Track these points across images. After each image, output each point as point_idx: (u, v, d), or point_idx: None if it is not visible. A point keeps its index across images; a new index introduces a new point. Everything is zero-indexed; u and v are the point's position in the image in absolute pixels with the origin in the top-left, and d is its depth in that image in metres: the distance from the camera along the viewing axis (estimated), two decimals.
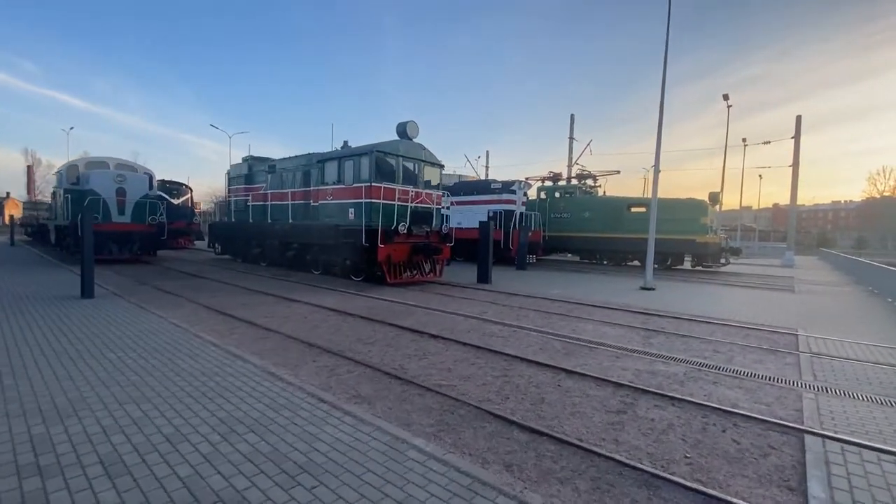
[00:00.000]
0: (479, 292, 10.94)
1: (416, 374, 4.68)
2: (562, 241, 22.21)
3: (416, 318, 7.58)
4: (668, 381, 4.70)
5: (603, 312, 8.63)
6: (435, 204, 12.38)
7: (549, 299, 10.00)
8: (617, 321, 7.78)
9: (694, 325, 7.73)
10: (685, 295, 11.47)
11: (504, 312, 8.34)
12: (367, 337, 6.20)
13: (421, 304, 8.82)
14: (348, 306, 8.43)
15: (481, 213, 20.35)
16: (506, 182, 20.24)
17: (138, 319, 6.73)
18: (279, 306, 8.35)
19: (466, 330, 6.76)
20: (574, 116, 29.49)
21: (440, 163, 13.01)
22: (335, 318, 7.44)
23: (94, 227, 14.85)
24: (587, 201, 21.89)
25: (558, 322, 7.59)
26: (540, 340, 6.28)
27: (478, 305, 9.03)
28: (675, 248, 19.01)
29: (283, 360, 5.03)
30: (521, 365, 5.11)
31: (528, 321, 7.59)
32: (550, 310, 8.71)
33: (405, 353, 5.44)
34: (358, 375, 4.59)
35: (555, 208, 22.65)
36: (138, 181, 16.24)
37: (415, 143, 12.32)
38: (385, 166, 11.37)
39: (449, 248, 12.82)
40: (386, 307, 8.52)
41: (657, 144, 12.14)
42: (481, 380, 4.58)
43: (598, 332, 6.96)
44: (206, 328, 6.46)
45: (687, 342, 6.48)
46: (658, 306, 9.37)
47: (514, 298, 10.08)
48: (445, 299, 9.74)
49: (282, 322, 6.98)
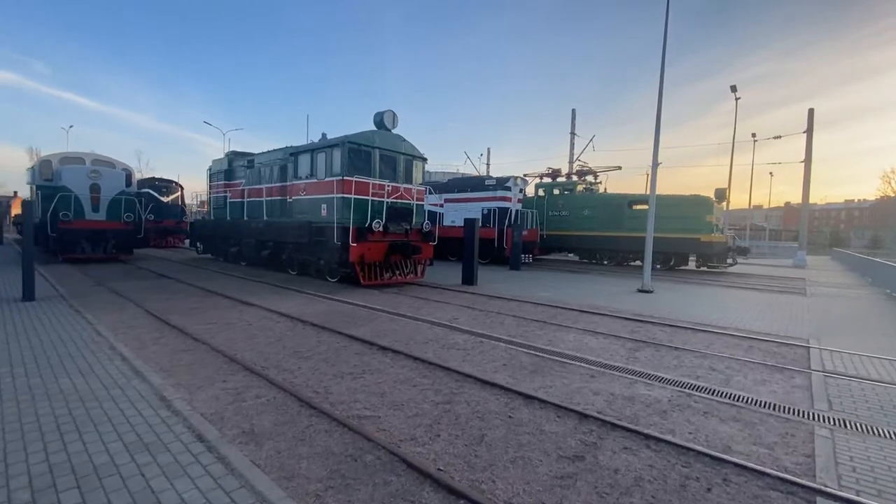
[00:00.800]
0: (460, 295, 10.09)
1: (337, 401, 3.86)
2: (560, 240, 21.27)
3: (375, 325, 6.76)
4: (648, 412, 3.83)
5: (589, 319, 7.75)
6: (415, 200, 11.54)
7: (533, 303, 9.13)
8: (603, 330, 6.89)
9: (690, 334, 6.82)
10: (685, 298, 10.52)
11: (478, 319, 7.49)
12: (307, 349, 5.40)
13: (388, 309, 8.00)
14: (305, 311, 7.64)
15: (475, 211, 19.50)
16: (500, 178, 19.35)
17: (61, 326, 6.00)
18: (230, 311, 7.58)
19: (425, 340, 5.93)
20: (575, 111, 28.50)
21: (422, 156, 12.17)
22: (283, 325, 6.65)
23: (67, 224, 14.40)
24: (586, 198, 20.92)
25: (536, 331, 6.73)
26: (507, 354, 5.43)
27: (452, 310, 8.19)
28: (679, 248, 18.00)
29: (189, 380, 4.24)
30: (473, 387, 4.26)
31: (502, 329, 6.73)
32: (531, 315, 7.84)
33: (339, 371, 4.63)
34: (266, 402, 3.78)
35: (553, 206, 21.70)
36: (114, 177, 15.60)
37: (393, 135, 11.50)
38: (359, 159, 10.56)
39: (431, 247, 11.98)
40: (347, 312, 7.71)
41: (656, 135, 11.20)
42: (415, 408, 3.75)
43: (578, 343, 6.09)
44: (131, 337, 5.70)
45: (679, 356, 5.58)
46: (653, 312, 8.46)
47: (495, 302, 9.22)
48: (419, 303, 8.91)
49: (219, 330, 6.20)
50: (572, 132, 28.22)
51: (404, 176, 11.58)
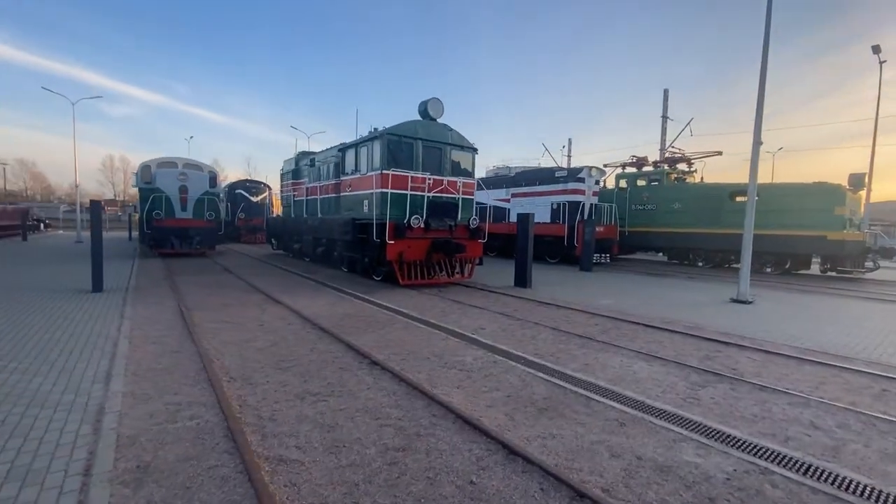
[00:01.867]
0: (503, 299, 8.99)
1: (273, 432, 3.17)
2: (645, 238, 18.78)
3: (386, 332, 6.04)
4: (685, 499, 2.54)
5: (651, 337, 6.21)
6: (461, 193, 10.62)
7: (587, 313, 7.73)
8: (664, 353, 5.39)
9: (791, 366, 5.03)
10: (796, 313, 8.22)
11: (508, 330, 6.40)
12: (294, 359, 4.84)
13: (413, 313, 7.25)
14: (325, 313, 7.20)
15: (544, 206, 18.05)
16: (572, 169, 17.57)
17: (93, 319, 6.26)
18: (255, 309, 7.42)
19: (429, 356, 5.05)
20: (667, 92, 25.03)
21: (472, 146, 11.20)
22: (292, 327, 6.23)
23: (159, 222, 15.99)
24: (677, 190, 18.14)
25: (573, 350, 5.47)
26: (519, 381, 4.33)
27: (483, 318, 7.18)
28: (797, 248, 14.70)
29: (145, 389, 3.87)
30: (449, 428, 3.30)
31: (531, 346, 5.59)
32: (578, 329, 6.53)
33: (306, 391, 3.96)
34: (193, 427, 3.22)
35: (636, 199, 19.23)
36: (200, 179, 17.03)
37: (438, 124, 10.71)
38: (400, 151, 9.95)
39: (480, 245, 10.99)
40: (368, 315, 7.11)
41: (758, 106, 8.93)
42: (357, 454, 2.91)
43: (622, 371, 4.75)
44: (140, 333, 5.66)
45: (766, 401, 4.00)
46: (744, 330, 6.60)
47: (541, 310, 7.98)
48: (451, 307, 8.02)
49: (225, 330, 5.95)
50: (664, 115, 24.89)
51: (451, 168, 10.74)
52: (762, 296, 10.18)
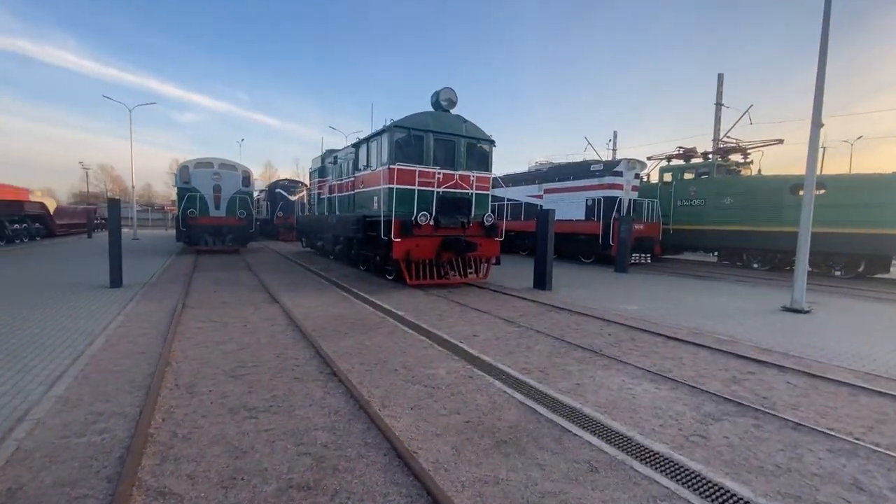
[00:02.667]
0: (515, 303, 8.29)
1: (178, 454, 2.78)
2: (692, 237, 17.16)
3: (367, 338, 5.58)
4: None
5: (671, 351, 5.32)
6: (475, 188, 9.97)
7: (604, 320, 6.88)
8: (678, 374, 4.54)
9: (843, 396, 4.02)
10: (863, 327, 6.88)
11: (503, 339, 5.74)
12: (253, 365, 4.50)
13: (407, 316, 6.76)
14: (318, 313, 6.88)
15: (578, 202, 16.97)
16: (609, 162, 16.35)
17: (92, 315, 6.31)
18: (248, 308, 7.24)
19: (397, 367, 4.52)
20: (722, 76, 22.74)
21: (488, 138, 10.51)
22: (276, 329, 5.93)
23: (193, 220, 16.59)
24: (729, 183, 16.35)
25: (569, 365, 4.74)
26: (489, 403, 3.71)
27: (482, 324, 6.55)
28: (871, 249, 12.71)
29: (84, 395, 3.65)
30: (375, 462, 2.76)
31: (521, 359, 4.92)
32: (585, 339, 5.75)
33: (241, 404, 3.56)
34: (95, 443, 2.91)
35: (682, 194, 17.61)
36: (233, 178, 17.52)
37: (452, 116, 10.13)
38: (409, 145, 9.48)
39: (496, 243, 10.29)
40: (359, 318, 6.70)
41: (818, 82, 7.59)
42: (249, 491, 2.44)
43: (620, 394, 3.98)
44: (124, 331, 5.58)
45: (797, 444, 3.12)
46: (790, 346, 5.52)
47: (551, 316, 7.22)
48: (454, 310, 7.45)
49: (205, 332, 5.75)
50: (718, 102, 22.67)
51: (465, 162, 10.13)
52: (824, 304, 8.75)
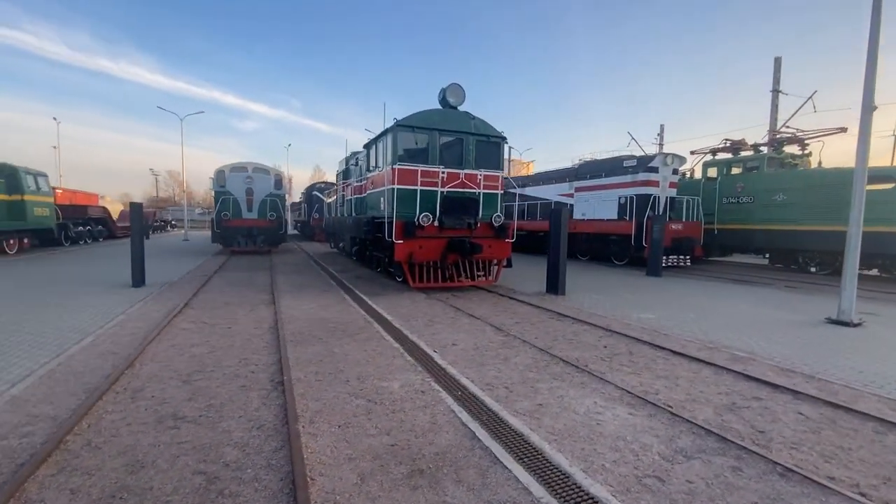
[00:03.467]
0: (516, 308, 7.80)
1: (76, 465, 2.68)
2: (740, 237, 15.65)
3: (339, 344, 5.38)
4: None
5: (669, 368, 4.69)
6: (482, 188, 9.54)
7: (607, 330, 6.27)
8: (665, 396, 3.95)
9: (865, 434, 3.28)
10: None
11: (482, 349, 5.33)
12: (213, 370, 4.42)
13: (396, 322, 6.50)
14: (306, 316, 6.80)
15: (610, 201, 16.00)
16: (643, 158, 15.23)
17: (99, 313, 6.61)
18: (247, 309, 7.31)
19: (353, 378, 4.26)
20: (780, 60, 20.52)
21: (499, 134, 10.05)
22: (257, 332, 5.88)
23: (227, 222, 17.32)
24: (781, 178, 14.72)
25: (542, 382, 4.27)
26: (428, 423, 3.36)
27: (469, 331, 6.16)
28: None
29: (30, 395, 3.72)
30: (262, 491, 2.52)
31: (492, 371, 4.51)
32: (573, 352, 5.23)
33: (174, 413, 3.45)
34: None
35: (729, 190, 16.12)
36: (265, 181, 18.14)
37: (459, 113, 9.77)
38: (414, 144, 9.25)
39: (507, 245, 9.80)
40: (346, 321, 6.53)
41: (869, 56, 6.51)
42: None
43: (585, 419, 3.49)
44: (117, 331, 5.76)
45: (776, 497, 2.52)
46: (823, 367, 4.71)
47: (549, 323, 6.69)
48: (446, 315, 7.10)
49: (194, 332, 5.80)
50: (775, 88, 20.53)
51: (475, 160, 9.75)
52: (885, 316, 7.54)
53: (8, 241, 16.05)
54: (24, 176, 16.40)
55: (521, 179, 22.27)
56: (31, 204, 16.61)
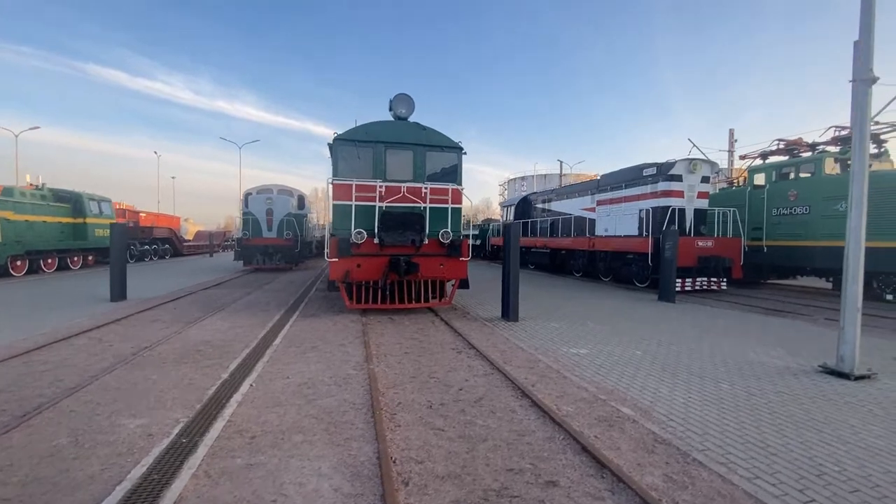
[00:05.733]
0: (438, 334, 6.88)
1: None
2: (793, 256, 12.91)
3: (168, 371, 5.00)
4: None
5: (494, 426, 3.60)
6: (429, 202, 8.77)
7: (493, 366, 5.17)
8: (413, 468, 2.95)
9: None
10: None
11: (313, 384, 4.60)
12: (20, 386, 4.27)
13: (283, 343, 6.01)
14: (202, 337, 6.58)
15: (631, 215, 14.23)
16: (663, 165, 13.29)
17: (36, 325, 7.00)
18: (177, 328, 7.31)
19: (101, 414, 3.83)
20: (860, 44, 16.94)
21: (455, 145, 9.26)
22: (130, 352, 5.76)
23: (247, 241, 18.28)
24: (843, 182, 11.87)
25: (287, 445, 3.47)
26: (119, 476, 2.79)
27: (328, 362, 5.45)
28: None
29: None
30: None
31: (265, 416, 3.80)
32: (417, 394, 4.30)
33: None
34: None
35: (779, 199, 13.47)
36: (284, 202, 18.95)
37: (408, 124, 9.21)
38: (355, 157, 8.83)
39: (461, 264, 8.87)
40: (226, 344, 6.17)
41: (862, 22, 4.85)
42: None
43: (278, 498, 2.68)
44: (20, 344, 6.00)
45: None
46: (767, 458, 3.31)
47: (441, 355, 5.72)
48: (347, 339, 6.41)
49: (80, 346, 5.84)
50: (855, 78, 16.97)
51: (427, 172, 9.08)
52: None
53: (72, 258, 18.46)
54: (88, 202, 18.86)
55: (545, 194, 20.85)
56: (93, 226, 18.99)
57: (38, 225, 16.29)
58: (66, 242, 17.84)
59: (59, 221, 17.54)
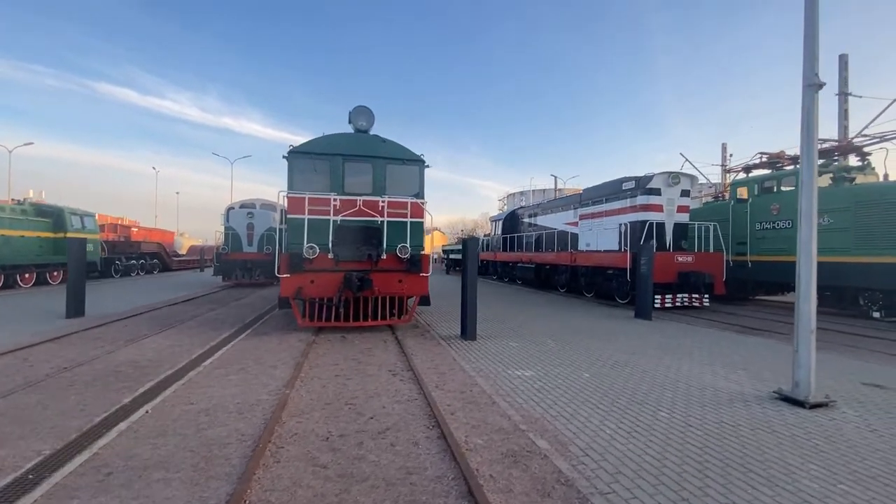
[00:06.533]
0: (384, 355, 6.53)
1: None
2: (777, 271, 12.52)
3: (62, 393, 4.68)
4: None
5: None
6: (386, 216, 8.50)
7: (421, 391, 4.82)
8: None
9: None
10: None
11: (214, 409, 4.27)
12: None
13: (213, 363, 5.69)
14: (127, 358, 6.26)
15: (612, 230, 13.91)
16: (641, 178, 13.02)
17: None
18: (109, 347, 7.00)
19: None
20: (846, 58, 16.72)
21: (415, 157, 9.04)
22: (50, 372, 5.44)
23: (226, 255, 18.04)
24: (824, 195, 11.55)
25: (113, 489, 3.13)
26: None
27: (245, 385, 5.12)
28: None
29: None
30: None
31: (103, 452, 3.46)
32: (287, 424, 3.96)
33: None
34: None
35: (762, 213, 13.15)
36: (265, 216, 18.75)
37: (367, 136, 9.03)
38: (312, 170, 8.62)
39: (422, 280, 8.55)
40: (152, 365, 5.86)
41: (807, 24, 4.59)
42: None
43: None
44: None
45: None
46: None
47: (369, 379, 5.37)
48: (279, 359, 6.08)
49: (20, 364, 5.54)
50: (841, 91, 16.75)
51: (387, 186, 8.84)
52: (886, 388, 5.02)
53: (52, 272, 18.27)
54: (69, 216, 18.74)
55: (531, 208, 20.59)
56: None
57: (15, 240, 16.17)
58: (45, 257, 17.67)
59: (37, 236, 17.42)
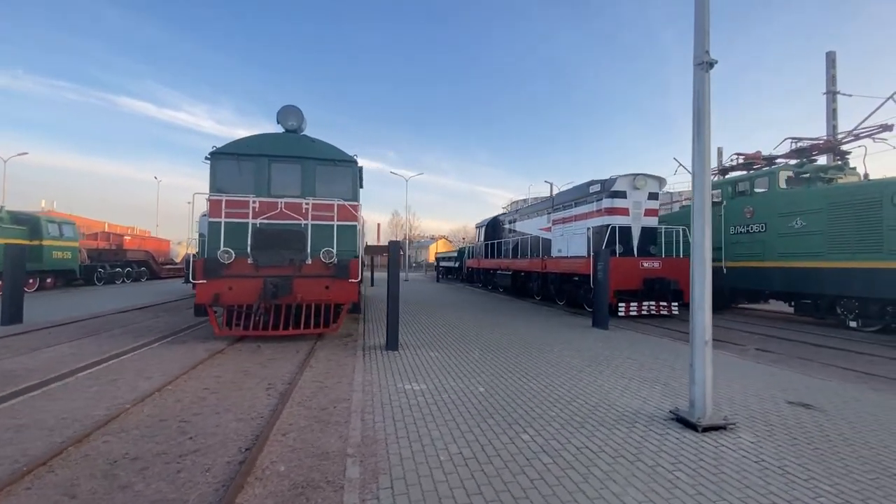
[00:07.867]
0: (279, 368, 6.09)
1: None
2: (751, 278, 11.81)
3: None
4: None
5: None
6: (311, 219, 8.11)
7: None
8: None
9: None
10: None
11: (74, 419, 3.87)
12: None
13: (106, 371, 5.31)
14: (53, 358, 5.93)
15: (581, 235, 13.36)
16: (606, 181, 12.47)
17: None
18: (62, 347, 6.71)
19: None
20: (834, 55, 15.97)
21: (349, 158, 8.66)
22: None
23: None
24: (796, 197, 10.86)
25: None
26: None
27: (118, 399, 4.71)
28: None
29: None
30: None
31: None
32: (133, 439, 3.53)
33: None
34: None
35: (736, 217, 12.49)
36: None
37: (296, 136, 8.68)
38: (236, 171, 8.29)
39: (351, 286, 8.11)
40: (64, 363, 5.51)
41: None
42: None
43: None
44: None
45: None
46: None
47: (241, 393, 4.94)
48: (183, 369, 5.68)
49: None
50: (830, 91, 16.01)
51: (316, 187, 8.47)
52: (812, 409, 4.41)
53: (27, 280, 18.25)
54: (46, 224, 18.79)
55: (511, 214, 20.10)
56: (50, 248, 18.85)
57: None
58: None
59: (12, 243, 17.43)
